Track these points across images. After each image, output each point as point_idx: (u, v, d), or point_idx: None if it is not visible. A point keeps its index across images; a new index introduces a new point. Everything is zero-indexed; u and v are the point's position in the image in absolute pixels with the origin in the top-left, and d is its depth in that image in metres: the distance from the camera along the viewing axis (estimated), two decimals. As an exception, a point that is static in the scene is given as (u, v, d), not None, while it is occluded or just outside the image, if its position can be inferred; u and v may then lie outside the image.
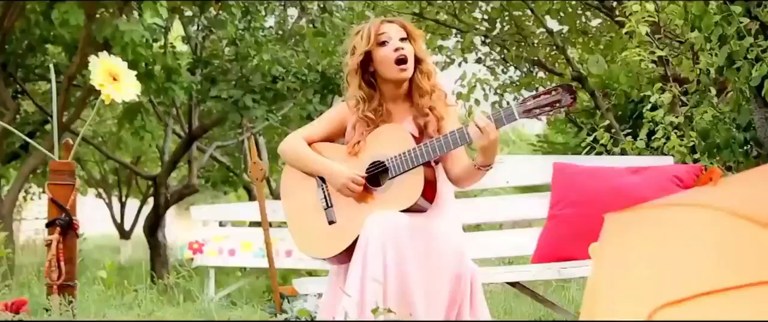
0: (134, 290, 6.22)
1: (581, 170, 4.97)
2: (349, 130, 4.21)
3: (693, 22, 6.11)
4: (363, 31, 4.11)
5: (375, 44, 4.05)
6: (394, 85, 4.12)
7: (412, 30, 4.13)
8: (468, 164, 3.99)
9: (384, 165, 4.02)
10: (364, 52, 4.06)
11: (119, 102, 5.93)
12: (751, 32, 5.75)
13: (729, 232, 2.35)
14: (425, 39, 4.20)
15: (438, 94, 4.14)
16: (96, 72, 5.69)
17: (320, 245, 4.10)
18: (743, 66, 5.80)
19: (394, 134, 4.06)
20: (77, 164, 15.81)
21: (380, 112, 4.12)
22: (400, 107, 4.17)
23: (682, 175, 4.74)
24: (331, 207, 4.09)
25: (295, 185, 4.26)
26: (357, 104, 4.13)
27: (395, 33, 4.07)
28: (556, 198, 4.91)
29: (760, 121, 6.08)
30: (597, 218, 4.59)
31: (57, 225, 5.52)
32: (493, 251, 5.15)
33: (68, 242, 5.57)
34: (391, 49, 4.03)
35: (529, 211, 5.20)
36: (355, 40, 4.13)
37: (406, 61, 4.04)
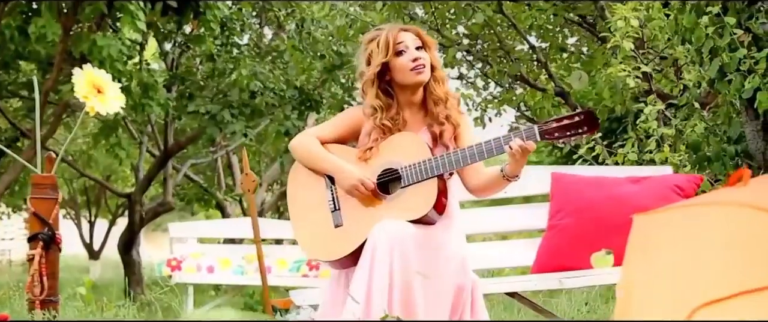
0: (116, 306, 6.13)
1: (580, 180, 4.93)
2: (362, 135, 4.18)
3: (683, 35, 6.10)
4: (380, 40, 4.08)
5: (393, 54, 4.04)
6: (410, 92, 4.12)
7: (426, 38, 4.13)
8: (493, 173, 4.01)
9: (396, 173, 3.99)
10: (382, 64, 4.05)
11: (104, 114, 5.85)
12: (743, 44, 5.74)
13: (762, 229, 2.32)
14: (437, 47, 4.17)
15: (452, 101, 4.13)
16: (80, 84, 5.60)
17: (324, 247, 4.07)
18: (735, 78, 5.79)
19: (410, 143, 4.04)
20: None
21: (397, 120, 4.11)
22: (416, 115, 4.16)
23: (682, 184, 4.73)
24: (339, 210, 4.07)
25: (302, 184, 4.22)
26: (374, 113, 4.11)
27: (411, 42, 4.07)
28: (555, 208, 4.86)
29: (751, 134, 6.08)
30: (598, 228, 4.64)
31: (40, 239, 5.43)
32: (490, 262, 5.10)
33: (51, 256, 5.49)
34: (409, 59, 4.03)
35: (528, 221, 5.16)
36: (371, 49, 4.11)
37: (424, 68, 4.03)
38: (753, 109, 6.01)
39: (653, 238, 2.48)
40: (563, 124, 3.81)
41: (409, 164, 3.96)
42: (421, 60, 4.03)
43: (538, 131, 3.82)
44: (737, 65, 5.80)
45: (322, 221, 4.08)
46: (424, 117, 4.16)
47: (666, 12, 7.31)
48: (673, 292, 2.27)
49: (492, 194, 4.19)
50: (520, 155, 3.82)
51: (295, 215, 4.21)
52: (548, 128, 3.82)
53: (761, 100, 5.66)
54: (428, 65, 4.07)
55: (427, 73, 4.06)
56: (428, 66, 4.07)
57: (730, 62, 5.83)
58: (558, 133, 3.82)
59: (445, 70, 4.29)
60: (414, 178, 3.94)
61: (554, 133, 3.82)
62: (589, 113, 3.82)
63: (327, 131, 4.25)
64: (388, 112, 4.09)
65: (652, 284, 2.34)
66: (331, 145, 4.20)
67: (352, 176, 4.01)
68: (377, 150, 4.08)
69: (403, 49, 4.04)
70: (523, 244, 5.14)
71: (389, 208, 3.97)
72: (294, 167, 4.29)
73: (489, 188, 4.10)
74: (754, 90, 5.73)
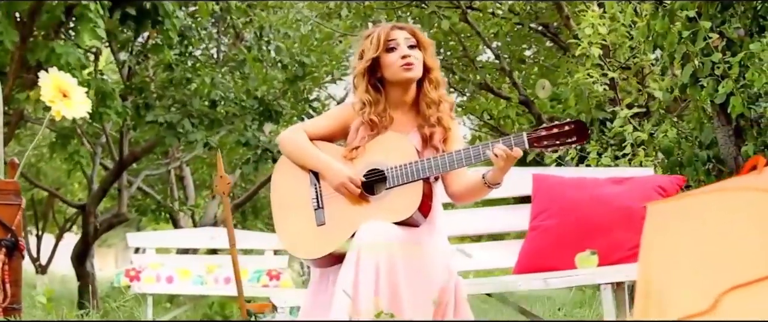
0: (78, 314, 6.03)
1: (563, 181, 4.91)
2: (352, 132, 4.15)
3: (656, 40, 6.13)
4: (373, 36, 4.09)
5: (383, 50, 4.03)
6: (400, 90, 4.10)
7: (421, 38, 4.11)
8: (475, 179, 4.01)
9: (382, 173, 3.96)
10: (371, 59, 4.04)
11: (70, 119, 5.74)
12: (717, 49, 5.78)
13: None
14: (434, 48, 4.17)
15: (445, 105, 4.10)
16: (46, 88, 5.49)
17: (307, 245, 4.02)
18: (708, 83, 5.82)
19: (397, 144, 4.02)
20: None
21: (385, 117, 4.08)
22: (406, 116, 4.15)
23: (665, 185, 4.72)
24: (322, 208, 4.03)
25: (286, 180, 4.18)
26: (363, 107, 4.09)
27: (404, 39, 4.06)
28: (537, 209, 4.83)
29: (723, 139, 6.12)
30: (581, 228, 4.62)
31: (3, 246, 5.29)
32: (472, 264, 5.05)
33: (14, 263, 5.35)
34: (399, 56, 4.01)
35: (509, 223, 5.13)
36: (365, 45, 4.11)
37: (413, 65, 4.01)
38: (725, 114, 6.06)
39: (671, 226, 2.44)
40: (553, 133, 3.80)
41: (394, 165, 3.94)
42: (412, 58, 4.01)
43: (526, 139, 3.80)
44: (711, 70, 5.84)
45: (305, 219, 4.05)
46: (415, 117, 4.14)
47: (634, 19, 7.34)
48: (696, 279, 2.24)
49: (472, 201, 4.19)
50: (504, 162, 3.80)
51: (278, 212, 4.17)
52: (537, 136, 3.81)
53: (735, 105, 5.69)
54: (419, 64, 4.05)
55: (416, 71, 4.04)
56: (419, 65, 4.05)
57: (703, 67, 5.86)
58: (547, 142, 3.82)
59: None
60: (399, 179, 3.92)
61: (543, 142, 3.82)
62: (579, 123, 3.82)
63: (317, 127, 4.23)
64: (376, 108, 4.07)
65: (673, 272, 2.31)
66: (319, 143, 4.16)
67: (340, 173, 3.98)
68: (364, 149, 4.05)
69: (395, 46, 4.03)
70: (504, 246, 5.10)
71: (374, 208, 3.94)
72: (279, 163, 4.25)
73: (470, 195, 4.10)
74: (727, 95, 5.77)
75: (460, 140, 4.19)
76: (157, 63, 11.59)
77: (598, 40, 7.41)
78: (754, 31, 5.92)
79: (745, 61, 5.69)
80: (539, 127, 3.84)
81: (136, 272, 8.66)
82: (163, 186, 17.73)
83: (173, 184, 17.30)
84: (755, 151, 5.79)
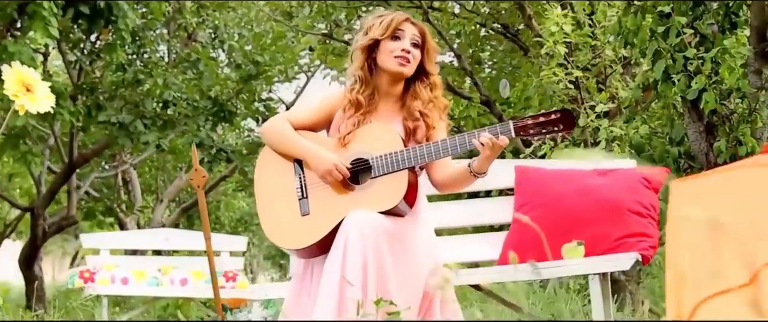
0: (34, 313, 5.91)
1: (547, 173, 4.89)
2: (337, 116, 4.12)
3: (626, 37, 6.16)
4: (384, 19, 4.06)
5: (388, 36, 4.00)
6: (389, 80, 4.07)
7: (428, 40, 4.11)
8: (460, 169, 3.98)
9: (367, 163, 3.92)
10: (374, 39, 4.01)
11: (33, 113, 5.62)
12: (691, 44, 5.82)
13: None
14: (438, 53, 4.17)
15: (436, 103, 4.07)
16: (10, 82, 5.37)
17: (290, 235, 3.98)
18: (681, 79, 5.85)
19: (382, 133, 3.99)
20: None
21: (371, 102, 4.06)
22: (391, 107, 4.12)
23: (650, 177, 4.72)
24: (306, 198, 3.98)
25: (269, 170, 4.14)
26: (354, 83, 4.08)
27: (411, 35, 4.04)
28: (521, 201, 4.81)
29: (694, 135, 6.16)
30: (567, 219, 4.61)
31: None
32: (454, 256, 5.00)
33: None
34: (399, 47, 3.99)
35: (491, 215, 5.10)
36: (374, 23, 4.07)
37: (409, 61, 3.99)
38: (696, 110, 6.10)
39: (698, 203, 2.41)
40: (539, 122, 3.81)
41: (380, 154, 3.91)
42: (410, 55, 4.00)
43: (513, 127, 3.80)
44: (683, 66, 5.88)
45: (289, 209, 4.01)
46: (399, 110, 4.12)
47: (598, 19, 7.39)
48: (732, 254, 2.22)
49: (457, 190, 4.19)
50: (490, 151, 3.78)
51: (262, 202, 4.13)
52: (523, 125, 3.81)
53: (708, 100, 5.74)
54: (415, 63, 4.04)
55: (408, 69, 4.03)
56: (414, 64, 4.04)
57: (675, 63, 5.90)
58: (533, 130, 3.82)
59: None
60: (385, 169, 3.89)
61: (529, 130, 3.82)
62: (565, 111, 3.82)
63: (300, 116, 4.19)
64: (366, 88, 4.04)
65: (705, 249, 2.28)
66: (302, 132, 4.12)
67: (326, 160, 3.94)
68: (353, 136, 4.00)
69: (400, 37, 4.01)
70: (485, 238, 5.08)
71: (359, 198, 3.91)
72: (262, 153, 4.20)
73: (455, 184, 4.08)
74: (699, 91, 5.81)
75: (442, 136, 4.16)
76: (106, 64, 11.40)
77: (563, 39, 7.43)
78: (726, 27, 5.97)
79: (718, 57, 5.74)
80: (525, 116, 3.84)
81: (91, 274, 8.54)
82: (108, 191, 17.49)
83: (120, 187, 17.09)
84: (727, 146, 5.84)
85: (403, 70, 4.00)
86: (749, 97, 5.87)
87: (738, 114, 5.96)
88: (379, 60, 4.03)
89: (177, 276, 8.84)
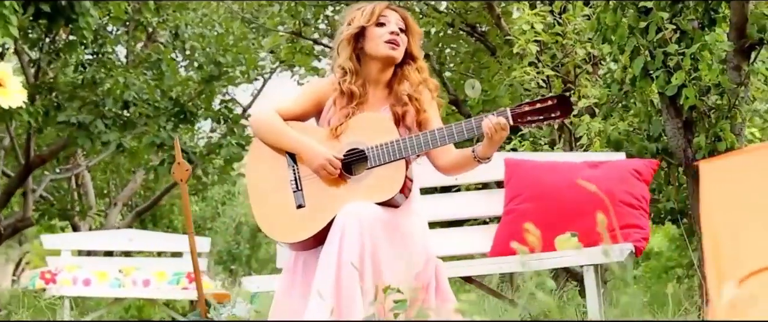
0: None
1: (538, 165, 4.89)
2: (327, 107, 4.05)
3: (604, 33, 6.18)
4: (365, 9, 4.02)
5: (373, 23, 3.97)
6: (378, 67, 4.02)
7: (412, 24, 4.07)
8: (464, 154, 3.95)
9: (362, 153, 3.86)
10: (360, 27, 3.97)
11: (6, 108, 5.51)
12: (671, 40, 5.85)
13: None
14: (421, 38, 4.12)
15: (427, 85, 4.03)
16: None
17: (287, 228, 3.92)
18: (660, 75, 5.88)
19: (376, 122, 3.94)
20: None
21: (363, 91, 4.00)
22: (379, 94, 4.07)
23: (640, 168, 4.75)
24: (301, 190, 3.92)
25: (261, 162, 4.07)
26: (344, 75, 4.01)
27: (395, 20, 4.00)
28: (512, 193, 4.80)
29: (672, 132, 6.19)
30: (559, 211, 4.60)
31: None
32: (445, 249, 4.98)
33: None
34: (387, 31, 3.95)
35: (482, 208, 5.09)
36: (355, 14, 4.03)
37: (398, 44, 3.95)
38: (675, 106, 6.14)
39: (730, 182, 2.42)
40: (536, 108, 3.78)
41: (375, 144, 3.85)
42: (399, 38, 3.96)
43: (510, 114, 3.77)
44: (662, 62, 5.91)
45: (284, 202, 3.94)
46: (387, 97, 4.06)
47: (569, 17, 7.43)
48: (767, 232, 2.22)
49: (461, 173, 4.13)
50: (495, 135, 3.75)
51: (255, 196, 4.05)
52: (521, 111, 3.78)
53: (688, 96, 5.77)
54: (404, 47, 4.00)
55: (399, 52, 3.98)
56: (403, 48, 3.99)
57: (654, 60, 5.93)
58: (530, 117, 3.79)
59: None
60: (381, 159, 3.83)
61: (526, 117, 3.79)
62: (562, 97, 3.80)
63: (289, 106, 4.10)
64: (356, 78, 3.99)
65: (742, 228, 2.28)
66: (293, 123, 4.05)
67: (320, 155, 3.88)
68: (346, 126, 3.95)
69: (385, 23, 3.98)
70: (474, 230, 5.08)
71: (354, 189, 3.86)
72: (253, 145, 4.13)
73: (459, 167, 4.04)
74: (678, 87, 5.84)
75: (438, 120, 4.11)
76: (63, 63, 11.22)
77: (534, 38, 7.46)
78: (706, 24, 6.02)
79: (697, 53, 5.77)
80: (522, 103, 3.82)
81: (52, 275, 8.43)
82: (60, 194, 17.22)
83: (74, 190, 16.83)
84: (706, 142, 5.88)
85: (394, 54, 3.96)
86: (729, 93, 5.91)
87: (717, 110, 6.00)
88: (367, 48, 3.98)
89: (139, 277, 8.76)
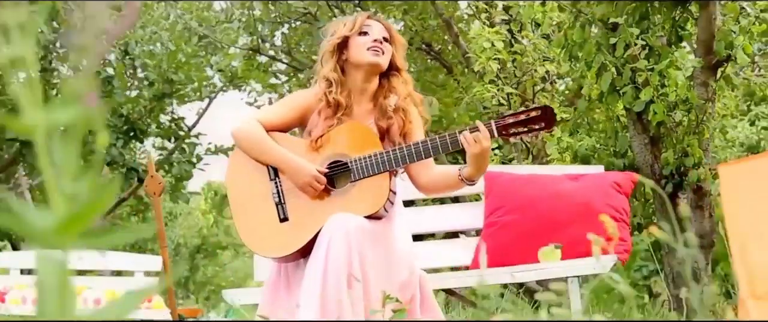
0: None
1: (517, 178, 4.89)
2: (313, 118, 3.96)
3: (571, 50, 6.22)
4: (348, 19, 3.98)
5: (356, 33, 3.90)
6: (363, 76, 3.93)
7: (395, 35, 4.01)
8: (449, 173, 3.90)
9: (345, 166, 3.81)
10: (344, 37, 3.90)
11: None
12: (640, 56, 5.91)
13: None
14: (405, 49, 4.07)
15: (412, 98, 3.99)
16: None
17: (271, 242, 3.83)
18: (628, 91, 5.94)
19: (359, 133, 3.87)
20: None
21: (349, 102, 3.93)
22: (364, 106, 3.98)
23: (620, 181, 4.78)
24: (284, 203, 3.84)
25: (243, 174, 3.96)
26: (329, 86, 3.91)
27: (378, 30, 3.93)
28: (492, 206, 4.80)
29: (638, 147, 6.25)
30: (541, 223, 4.61)
31: None
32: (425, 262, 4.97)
33: None
34: (370, 40, 3.88)
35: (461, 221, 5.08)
36: (338, 26, 3.97)
37: (382, 52, 3.88)
38: (641, 122, 6.20)
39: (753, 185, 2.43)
40: (520, 120, 3.74)
41: (359, 157, 3.79)
42: (382, 45, 3.89)
43: (495, 127, 3.72)
44: (631, 78, 5.97)
45: (267, 215, 3.85)
46: (372, 109, 4.00)
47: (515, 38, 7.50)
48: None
49: (443, 194, 4.12)
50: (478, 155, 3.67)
51: (237, 209, 3.95)
52: (505, 123, 3.73)
53: (656, 112, 5.82)
54: (388, 56, 3.92)
55: (383, 59, 3.90)
56: (387, 56, 3.91)
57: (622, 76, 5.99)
58: (514, 129, 3.75)
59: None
60: (365, 172, 3.77)
61: (511, 129, 3.75)
62: (546, 108, 3.77)
63: (272, 117, 4.01)
64: (342, 89, 3.92)
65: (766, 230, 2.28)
66: (275, 134, 3.96)
67: (304, 172, 3.80)
68: (327, 138, 3.89)
69: (368, 32, 3.91)
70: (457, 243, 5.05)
71: (339, 202, 3.79)
72: (233, 155, 4.04)
73: (442, 188, 4.00)
74: (647, 103, 5.90)
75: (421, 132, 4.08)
76: (6, 81, 11.02)
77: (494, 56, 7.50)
78: (673, 41, 6.09)
79: (664, 70, 5.84)
80: (506, 114, 3.80)
81: (1, 294, 8.24)
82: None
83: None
84: (675, 158, 5.95)
85: (379, 60, 3.87)
86: (696, 109, 5.99)
87: (684, 126, 6.07)
88: (350, 57, 3.90)
89: (90, 296, 8.59)
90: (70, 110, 0.90)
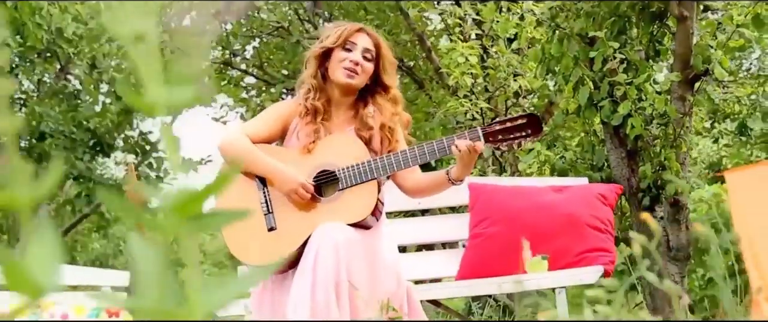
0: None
1: (502, 190, 4.90)
2: (292, 127, 3.97)
3: (548, 64, 6.25)
4: (340, 28, 3.95)
5: (340, 46, 3.88)
6: (340, 91, 3.94)
7: (384, 52, 3.96)
8: (437, 175, 3.94)
9: (333, 175, 3.81)
10: (326, 48, 3.89)
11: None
12: (618, 70, 5.94)
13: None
14: (396, 67, 4.03)
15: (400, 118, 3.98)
16: None
17: (259, 251, 3.84)
18: (606, 105, 5.97)
19: (346, 143, 3.89)
20: None
21: (327, 110, 3.94)
22: (343, 115, 3.99)
23: (605, 193, 4.80)
24: (272, 213, 3.84)
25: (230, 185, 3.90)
26: (308, 91, 3.92)
27: (363, 46, 3.90)
28: (478, 217, 4.80)
29: (616, 161, 6.28)
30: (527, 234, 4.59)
31: None
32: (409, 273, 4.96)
33: None
34: (349, 58, 3.86)
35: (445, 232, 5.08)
36: (330, 32, 3.96)
37: (356, 73, 3.85)
38: (618, 136, 6.23)
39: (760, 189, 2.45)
40: (506, 127, 3.77)
41: (347, 165, 3.80)
42: (359, 67, 3.85)
43: (481, 134, 3.76)
44: (608, 92, 6.00)
45: (255, 225, 3.85)
46: (352, 118, 3.99)
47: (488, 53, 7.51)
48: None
49: (431, 195, 4.10)
50: (468, 157, 3.73)
51: None
52: (492, 130, 3.77)
53: (634, 125, 5.86)
54: (365, 77, 3.89)
55: (357, 81, 3.87)
56: (364, 77, 3.88)
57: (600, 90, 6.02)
58: (501, 136, 3.79)
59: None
60: (353, 180, 3.79)
61: (498, 136, 3.78)
62: (532, 116, 3.80)
63: (257, 129, 4.00)
64: (321, 96, 3.91)
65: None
66: (261, 146, 3.96)
67: (291, 180, 3.80)
68: (315, 146, 3.88)
69: (351, 49, 3.88)
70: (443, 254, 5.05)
71: (326, 211, 3.80)
72: (221, 168, 4.05)
73: (430, 190, 4.01)
74: (624, 116, 5.94)
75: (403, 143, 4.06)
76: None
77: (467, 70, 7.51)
78: (651, 55, 6.14)
79: (642, 84, 5.88)
80: (493, 122, 3.82)
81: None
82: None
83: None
84: (652, 171, 5.98)
85: (351, 82, 3.86)
86: (674, 123, 6.03)
87: (661, 139, 6.11)
88: (329, 70, 3.90)
89: (58, 311, 8.48)
90: (187, 90, 0.88)
